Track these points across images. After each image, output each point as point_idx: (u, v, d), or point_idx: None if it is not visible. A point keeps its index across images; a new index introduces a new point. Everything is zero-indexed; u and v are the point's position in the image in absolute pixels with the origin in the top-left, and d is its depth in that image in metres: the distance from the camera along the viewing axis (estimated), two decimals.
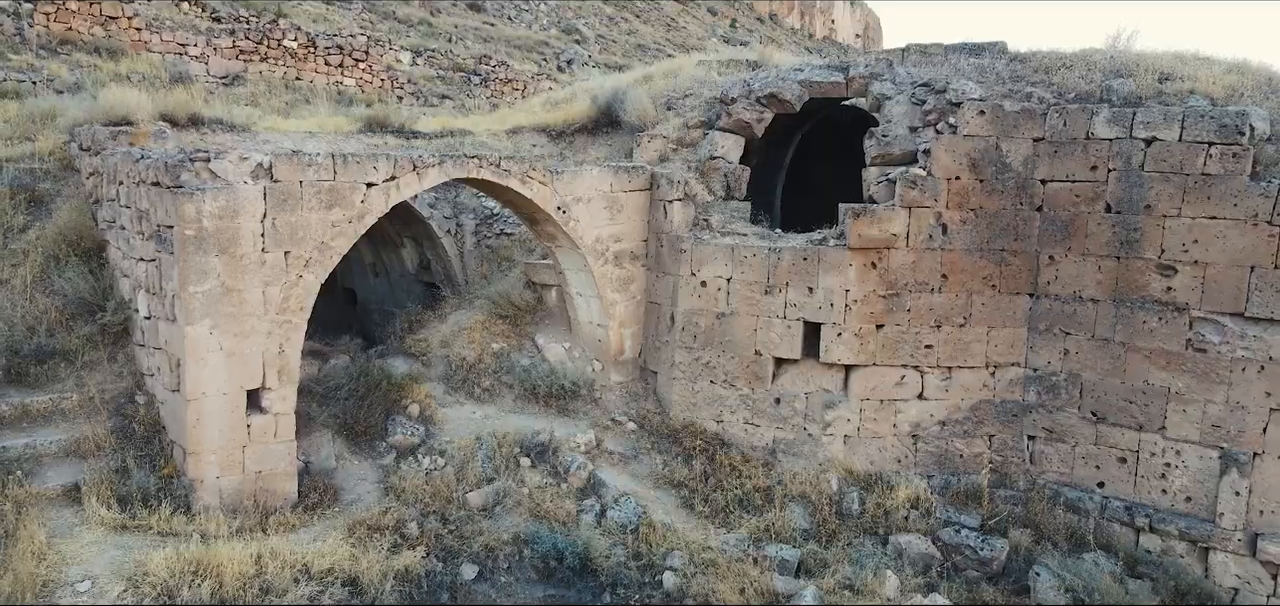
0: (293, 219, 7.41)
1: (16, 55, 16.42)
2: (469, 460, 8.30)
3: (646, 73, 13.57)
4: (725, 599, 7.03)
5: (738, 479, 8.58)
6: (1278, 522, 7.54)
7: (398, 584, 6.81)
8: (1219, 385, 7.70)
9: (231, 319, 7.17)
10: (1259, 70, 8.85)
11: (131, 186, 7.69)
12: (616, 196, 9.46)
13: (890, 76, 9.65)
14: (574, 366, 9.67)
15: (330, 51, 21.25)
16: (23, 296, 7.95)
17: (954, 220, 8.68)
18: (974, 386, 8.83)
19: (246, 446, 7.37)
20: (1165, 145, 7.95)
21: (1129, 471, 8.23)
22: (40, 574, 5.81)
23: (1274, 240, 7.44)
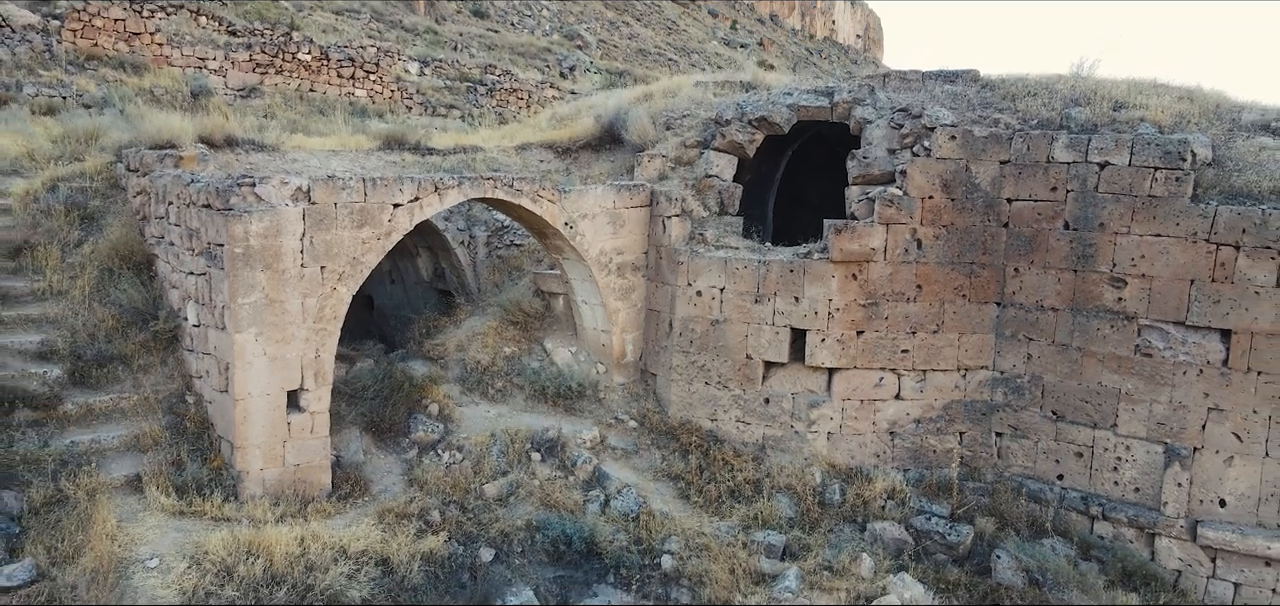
0: (328, 237, 8.25)
1: (47, 71, 17.27)
2: (485, 455, 9.14)
3: (647, 91, 14.41)
4: (717, 579, 7.87)
5: (730, 472, 9.43)
6: (1215, 510, 8.37)
7: (423, 564, 7.64)
8: (1163, 386, 8.54)
9: (274, 327, 8.01)
10: (1208, 97, 9.68)
11: (182, 207, 8.53)
12: (619, 212, 10.29)
13: (871, 102, 10.48)
14: (580, 369, 10.51)
15: (342, 64, 22.08)
16: (82, 306, 8.79)
17: (928, 236, 9.52)
18: (946, 387, 9.67)
19: (286, 441, 8.21)
20: (1117, 169, 8.78)
21: (1085, 465, 9.07)
22: (115, 552, 6.65)
23: (1211, 256, 8.27)
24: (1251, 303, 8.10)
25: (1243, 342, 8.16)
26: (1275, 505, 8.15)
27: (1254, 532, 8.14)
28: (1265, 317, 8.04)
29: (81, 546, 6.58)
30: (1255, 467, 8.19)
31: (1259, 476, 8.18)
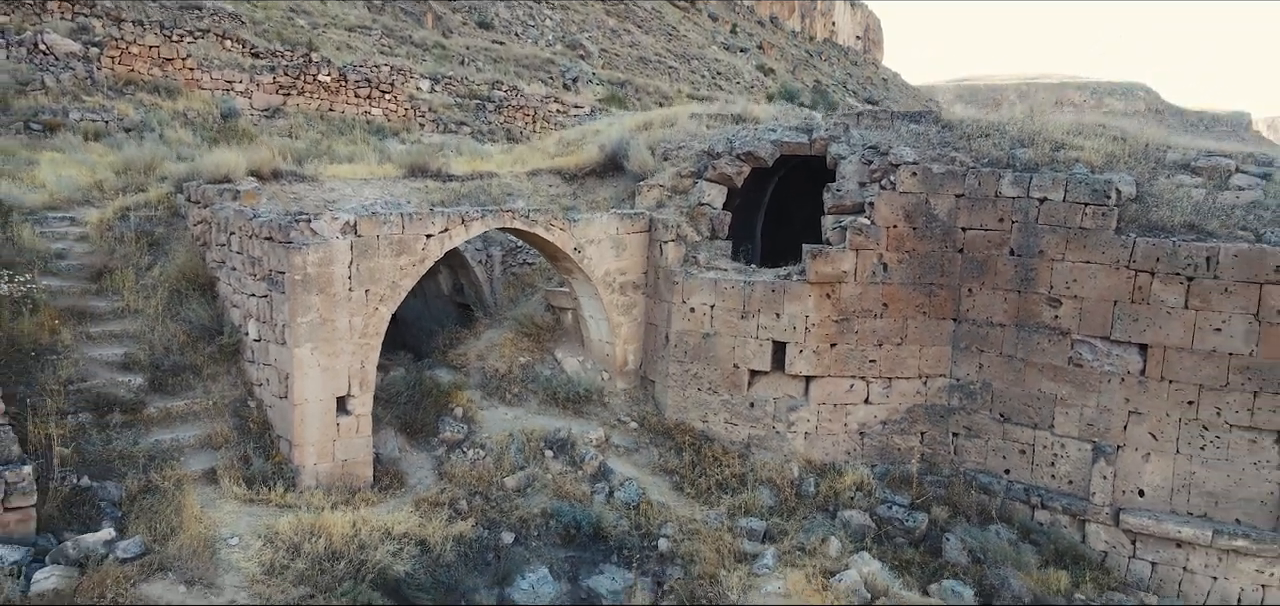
0: (371, 264, 9.63)
1: (89, 96, 18.65)
2: (504, 452, 10.51)
3: (646, 119, 15.79)
4: (705, 558, 9.23)
5: (718, 467, 10.80)
6: (1135, 500, 9.74)
7: (455, 545, 8.99)
8: (1092, 393, 9.91)
9: (326, 342, 9.38)
10: (1136, 139, 11.05)
11: (244, 238, 9.91)
12: (621, 238, 11.67)
13: (846, 139, 11.86)
14: (587, 376, 11.89)
15: (359, 84, 23.46)
16: (157, 323, 10.16)
17: (892, 260, 10.89)
18: (909, 393, 11.04)
19: (336, 440, 9.58)
20: (1053, 204, 10.15)
21: (1027, 461, 10.44)
22: (204, 531, 8.01)
23: (1131, 280, 9.64)
24: (1164, 321, 9.47)
25: (1157, 355, 9.54)
26: (1185, 495, 9.52)
27: (1167, 518, 9.51)
28: (1175, 334, 9.41)
29: (176, 527, 7.93)
30: (1168, 463, 9.56)
31: (1171, 470, 9.55)
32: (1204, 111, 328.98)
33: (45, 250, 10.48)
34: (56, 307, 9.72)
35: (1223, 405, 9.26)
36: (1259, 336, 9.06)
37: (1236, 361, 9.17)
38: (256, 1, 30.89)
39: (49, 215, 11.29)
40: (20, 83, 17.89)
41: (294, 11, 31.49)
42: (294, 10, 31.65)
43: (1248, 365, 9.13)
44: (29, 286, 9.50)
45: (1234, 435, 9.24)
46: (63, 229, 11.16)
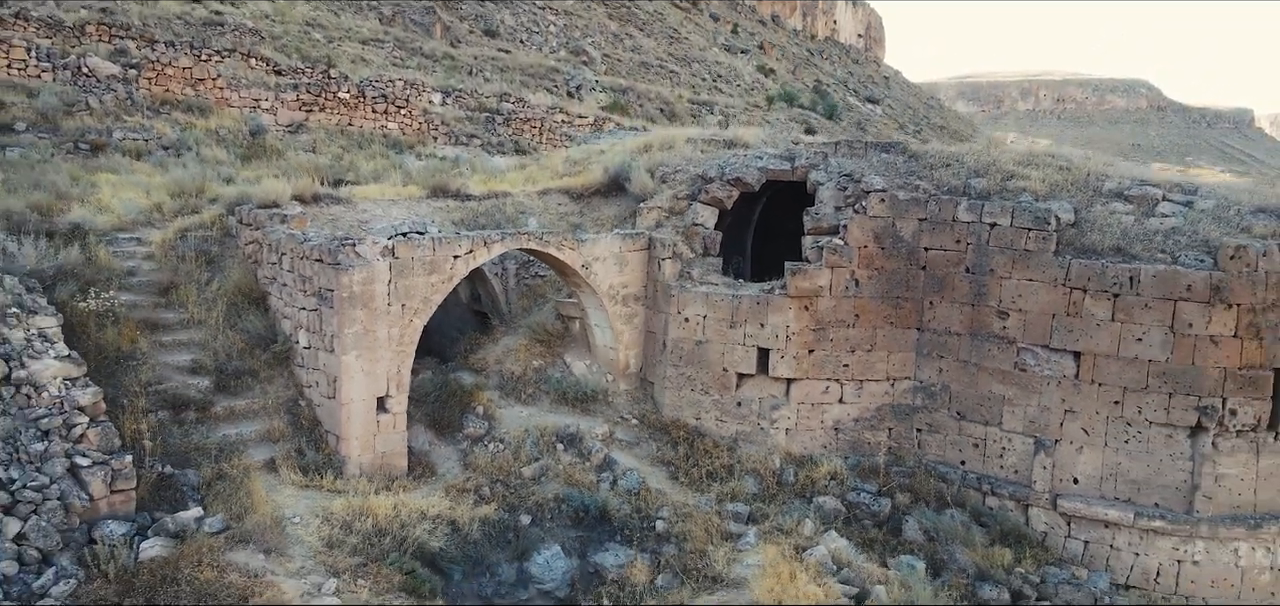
0: (407, 282, 11.13)
1: (130, 116, 20.15)
2: (521, 445, 12.01)
3: (646, 141, 17.29)
4: (696, 536, 10.71)
5: (709, 459, 12.30)
6: (1070, 487, 11.24)
7: (480, 525, 10.49)
8: (1034, 394, 11.41)
9: (369, 350, 10.89)
10: (1080, 168, 12.53)
11: (295, 259, 11.42)
12: (624, 255, 13.17)
13: (824, 167, 13.35)
14: (593, 378, 13.39)
15: (376, 100, 24.95)
16: (218, 332, 11.66)
17: (863, 276, 12.38)
18: (878, 394, 12.54)
19: (376, 435, 11.09)
20: (1002, 228, 11.64)
21: (980, 453, 11.94)
22: (271, 511, 9.52)
23: (1067, 296, 11.13)
24: (1094, 332, 10.96)
25: (1088, 361, 11.03)
26: (1113, 483, 11.02)
27: (1097, 503, 11.01)
28: (1103, 343, 10.90)
29: (248, 508, 9.43)
30: (1098, 455, 11.06)
31: (1100, 461, 11.05)
32: (1207, 108, 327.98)
33: (119, 268, 11.98)
34: (133, 319, 11.23)
35: (1143, 405, 10.76)
36: (1173, 345, 10.55)
37: (1154, 367, 10.66)
38: (274, 17, 32.40)
39: (118, 236, 12.79)
40: (67, 104, 19.38)
41: (310, 26, 33.00)
42: (310, 24, 33.16)
43: (1164, 370, 10.62)
44: (111, 302, 11.01)
45: (1153, 430, 10.74)
46: (131, 249, 12.66)
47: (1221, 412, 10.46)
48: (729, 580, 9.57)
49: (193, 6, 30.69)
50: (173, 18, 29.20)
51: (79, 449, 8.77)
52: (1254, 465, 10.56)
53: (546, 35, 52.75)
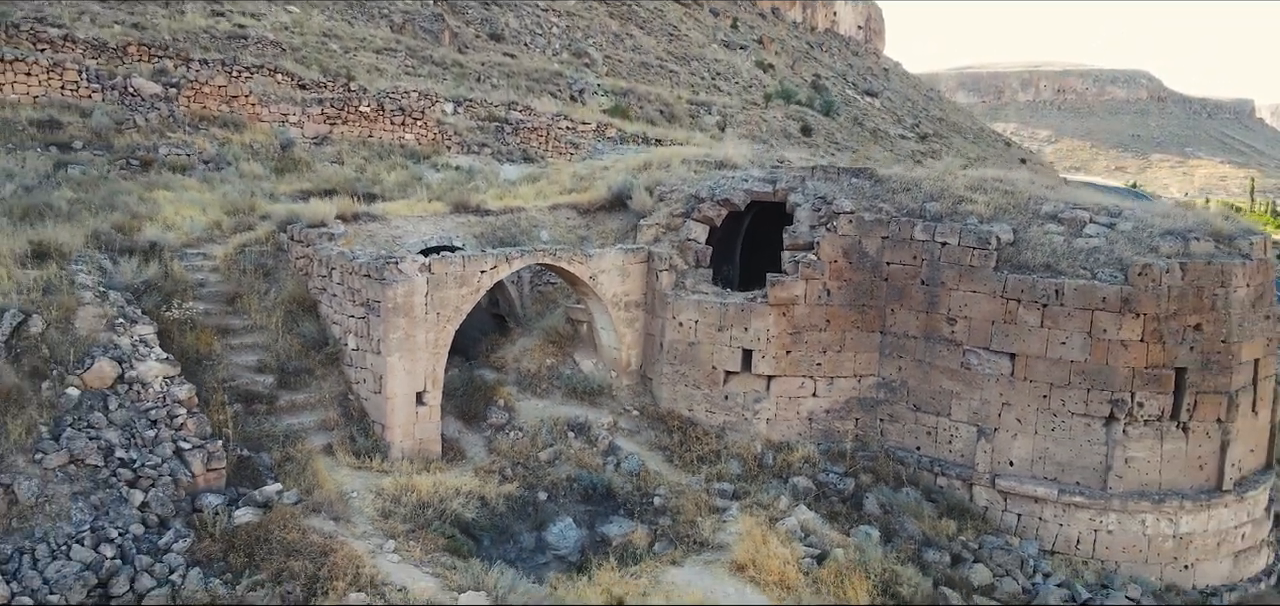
0: (441, 294, 13.12)
1: (172, 133, 22.11)
2: (537, 433, 14.01)
3: (646, 160, 19.25)
4: (687, 510, 12.70)
5: (700, 445, 14.30)
6: (1007, 468, 13.25)
7: (505, 500, 12.49)
8: (977, 389, 13.40)
9: (409, 353, 12.88)
10: (1022, 192, 14.49)
11: (345, 274, 13.41)
12: (626, 267, 15.15)
13: (801, 190, 15.33)
14: (599, 375, 15.39)
15: (394, 113, 26.90)
16: (278, 336, 13.65)
17: (834, 287, 14.37)
18: (846, 389, 14.54)
19: (415, 424, 13.09)
20: (951, 246, 13.62)
21: (933, 439, 13.95)
22: (334, 488, 11.52)
23: (1004, 306, 13.12)
24: (1026, 336, 12.96)
25: (1022, 361, 13.03)
26: (1041, 465, 13.03)
27: (1028, 481, 13.03)
28: (1034, 346, 12.90)
29: (315, 484, 11.42)
30: (1029, 441, 13.07)
31: (1031, 446, 13.06)
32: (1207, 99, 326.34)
33: (192, 281, 13.97)
34: (207, 326, 13.22)
35: (1066, 398, 12.76)
36: (1090, 348, 12.55)
37: (1075, 366, 12.66)
38: (293, 28, 34.33)
39: (187, 251, 14.77)
40: (117, 122, 21.34)
41: (327, 36, 34.92)
42: (327, 35, 35.08)
43: (1083, 369, 12.62)
44: (190, 311, 13.01)
45: (1074, 420, 12.74)
46: (199, 263, 14.65)
47: (1130, 405, 12.47)
48: (713, 544, 11.58)
49: (217, 20, 32.65)
50: (199, 31, 31.15)
51: (181, 435, 10.78)
52: (1158, 449, 12.57)
53: (549, 37, 54.58)
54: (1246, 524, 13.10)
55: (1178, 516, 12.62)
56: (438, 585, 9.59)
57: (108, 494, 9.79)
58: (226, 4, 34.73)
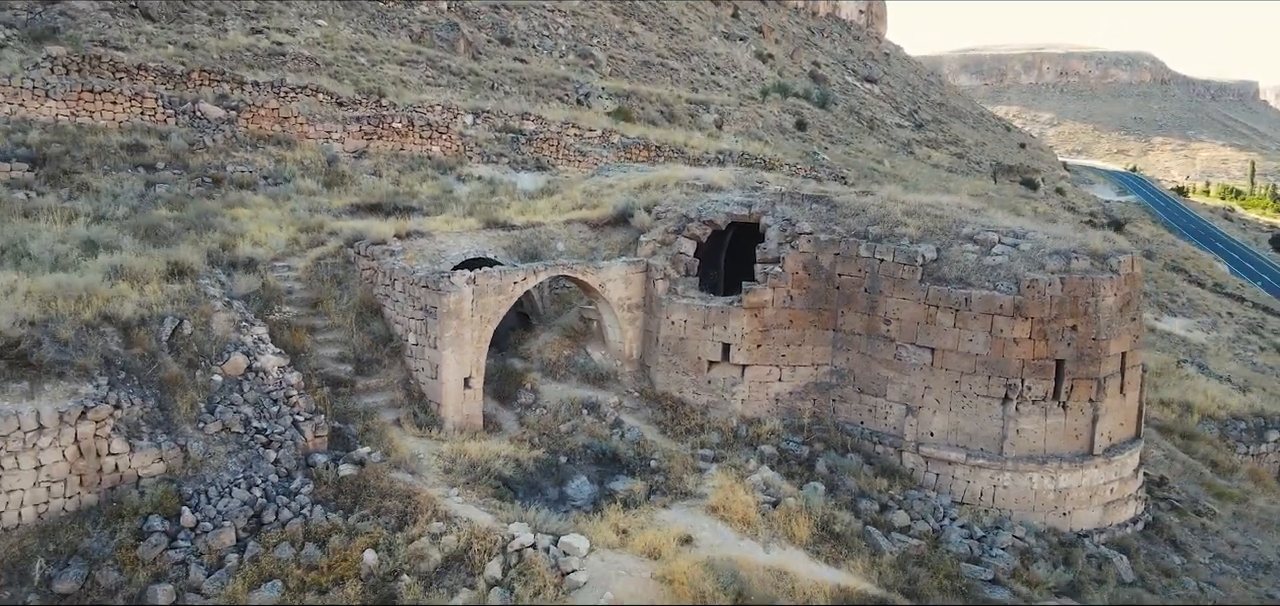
0: (483, 300, 16.85)
1: (236, 152, 25.81)
2: (558, 410, 17.75)
3: (645, 180, 22.92)
4: (676, 470, 16.44)
5: (687, 420, 18.04)
6: (929, 437, 17.00)
7: (535, 463, 16.22)
8: (906, 376, 17.13)
9: (458, 347, 16.62)
10: (949, 217, 18.16)
11: (406, 284, 17.13)
12: (629, 277, 18.86)
13: (772, 213, 19.02)
14: (607, 363, 19.13)
15: (422, 128, 30.57)
16: (352, 333, 17.37)
17: (796, 293, 18.08)
18: (805, 375, 18.27)
19: (463, 403, 16.84)
20: (887, 262, 17.32)
21: (872, 415, 17.70)
22: (405, 452, 15.26)
23: (926, 310, 16.81)
24: (943, 335, 16.68)
25: (939, 354, 16.75)
26: (954, 435, 16.77)
27: (944, 448, 16.78)
28: (949, 343, 16.62)
29: (391, 449, 15.16)
30: (945, 416, 16.82)
31: (946, 421, 16.81)
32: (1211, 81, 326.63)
33: (283, 289, 17.72)
34: (299, 325, 16.98)
35: (972, 383, 16.49)
36: (991, 344, 16.27)
37: (979, 358, 16.38)
38: (324, 43, 37.93)
39: (276, 264, 18.50)
40: (189, 144, 25.04)
41: (355, 50, 38.54)
42: (355, 49, 38.70)
43: (985, 360, 16.34)
44: (285, 314, 16.75)
45: (978, 400, 16.49)
46: (285, 273, 18.38)
47: (1021, 389, 16.20)
48: (695, 494, 15.35)
49: (256, 38, 36.29)
50: (242, 49, 34.81)
51: (295, 411, 14.55)
52: (1043, 423, 16.32)
53: (556, 39, 58.11)
54: (1114, 481, 16.86)
55: (1058, 475, 16.38)
56: (492, 519, 13.35)
57: (250, 453, 13.59)
58: (262, 20, 38.32)
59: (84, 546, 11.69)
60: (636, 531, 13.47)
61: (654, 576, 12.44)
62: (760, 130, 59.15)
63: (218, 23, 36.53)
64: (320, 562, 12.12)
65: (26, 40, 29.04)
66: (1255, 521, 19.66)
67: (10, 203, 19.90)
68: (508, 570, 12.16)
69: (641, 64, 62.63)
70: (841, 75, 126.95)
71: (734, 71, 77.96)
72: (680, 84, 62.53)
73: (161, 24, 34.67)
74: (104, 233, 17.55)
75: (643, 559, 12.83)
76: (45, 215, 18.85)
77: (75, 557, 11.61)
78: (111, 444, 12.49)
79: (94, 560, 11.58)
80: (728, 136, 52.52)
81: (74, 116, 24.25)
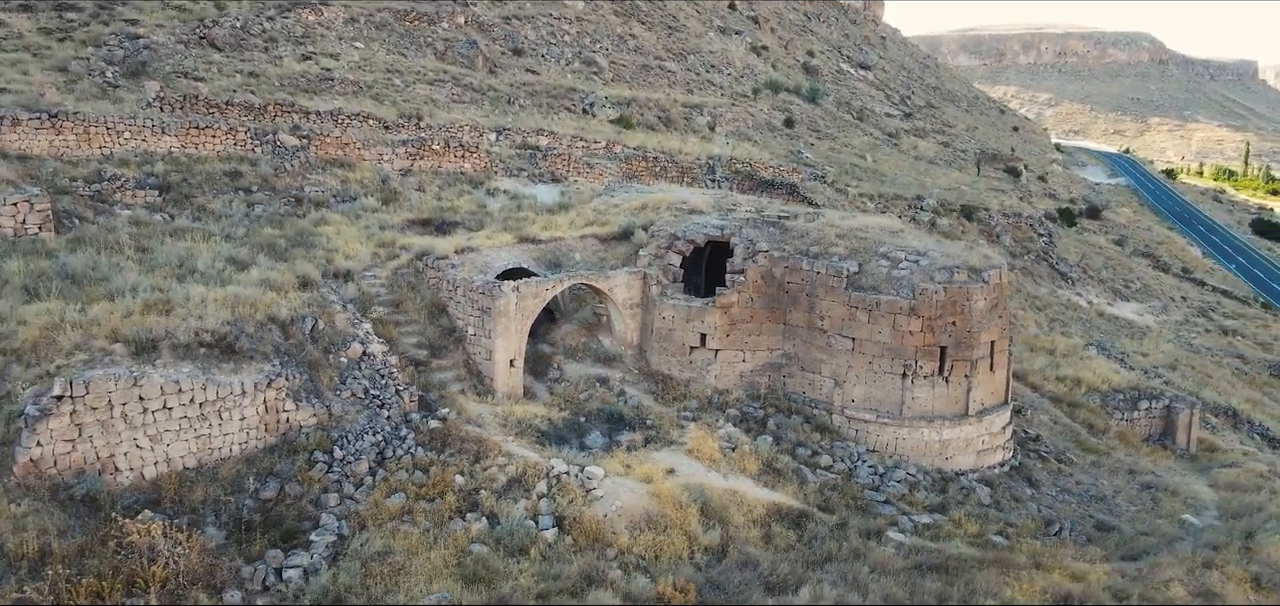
0: (523, 303, 23.36)
1: (310, 175, 32.23)
2: (578, 383, 24.30)
3: (643, 202, 29.38)
4: (665, 427, 22.98)
5: (674, 390, 24.61)
6: (850, 403, 23.56)
7: (563, 421, 22.79)
8: (834, 358, 23.68)
9: (506, 336, 23.14)
10: (871, 239, 24.63)
11: (466, 290, 23.64)
12: (630, 282, 25.37)
13: (739, 235, 25.52)
14: (614, 348, 25.66)
15: (456, 148, 36.97)
16: (426, 326, 23.88)
17: (756, 296, 24.60)
18: (762, 357, 24.82)
19: (509, 378, 23.39)
20: (822, 274, 23.83)
21: (811, 388, 24.26)
22: (471, 411, 21.77)
23: (850, 311, 23.33)
24: (861, 328, 23.21)
25: (859, 343, 23.31)
26: (869, 402, 23.33)
27: (860, 411, 23.36)
28: (864, 333, 23.16)
29: (462, 411, 21.68)
30: (862, 388, 23.39)
31: (863, 391, 23.38)
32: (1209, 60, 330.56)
33: (372, 294, 24.22)
34: (388, 321, 23.49)
35: (881, 364, 23.04)
36: (893, 335, 22.80)
37: (886, 345, 22.92)
38: (364, 66, 44.25)
39: (365, 274, 24.97)
40: (274, 169, 31.47)
41: (391, 72, 44.84)
42: (391, 71, 45.00)
43: (890, 347, 22.88)
44: (378, 313, 23.26)
45: (885, 376, 23.04)
46: (372, 280, 24.87)
47: (915, 367, 22.75)
48: (678, 442, 21.90)
49: (307, 64, 42.61)
50: (297, 75, 41.15)
51: (396, 383, 21.08)
52: (931, 392, 22.88)
53: (562, 46, 64.28)
54: (985, 435, 23.44)
55: (941, 430, 22.96)
56: (538, 455, 19.89)
57: (370, 411, 20.14)
58: (308, 45, 44.63)
59: (276, 469, 18.23)
60: (636, 465, 20.05)
61: (648, 493, 19.03)
62: (750, 129, 65.39)
63: (273, 50, 42.80)
64: (426, 483, 18.66)
65: (126, 75, 35.36)
66: (1107, 468, 26.29)
67: (153, 225, 26.37)
68: (551, 488, 18.73)
69: (641, 68, 68.79)
70: (836, 62, 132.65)
71: (728, 69, 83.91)
72: (676, 86, 68.69)
73: (227, 53, 40.92)
74: (240, 252, 24.05)
75: (640, 482, 19.41)
76: (187, 235, 25.31)
77: (271, 476, 18.16)
78: (284, 404, 19.03)
79: (283, 477, 18.12)
80: (719, 138, 58.88)
81: (183, 148, 30.65)
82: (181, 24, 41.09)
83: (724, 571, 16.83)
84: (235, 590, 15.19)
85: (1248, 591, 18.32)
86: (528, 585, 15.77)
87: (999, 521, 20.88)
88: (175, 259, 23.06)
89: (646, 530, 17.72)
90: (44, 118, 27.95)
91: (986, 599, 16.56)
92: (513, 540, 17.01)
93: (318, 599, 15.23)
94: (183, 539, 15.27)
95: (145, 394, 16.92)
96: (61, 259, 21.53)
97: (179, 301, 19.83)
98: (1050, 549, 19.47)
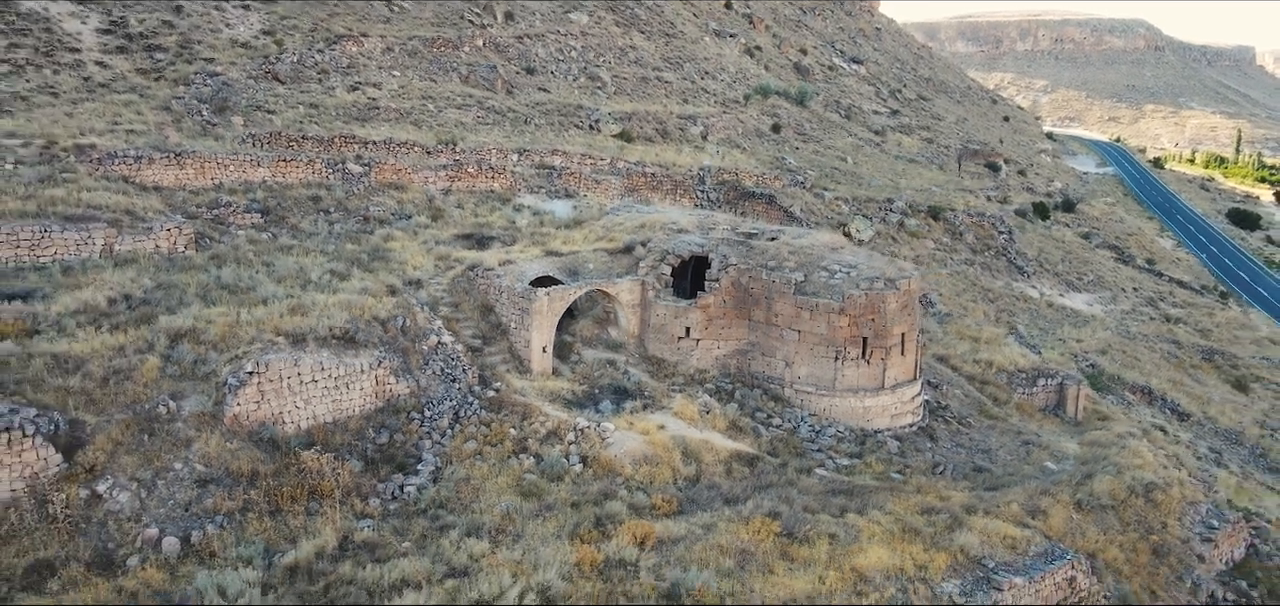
0: (553, 304, 31.92)
1: (372, 198, 40.69)
2: (593, 365, 32.90)
3: (642, 221, 37.92)
4: (659, 396, 31.57)
5: (666, 370, 33.23)
6: (799, 381, 32.17)
7: (582, 393, 31.39)
8: (786, 346, 32.27)
9: (540, 330, 31.70)
10: (816, 255, 33.18)
11: (510, 294, 32.20)
12: (632, 288, 33.94)
13: (716, 251, 34.10)
14: (620, 338, 34.25)
15: (486, 169, 45.42)
16: (478, 322, 32.42)
17: (727, 299, 33.18)
18: (732, 346, 33.43)
19: (542, 361, 31.98)
20: (778, 282, 32.40)
21: (769, 368, 32.87)
22: (516, 387, 30.31)
23: (796, 311, 31.92)
24: (805, 324, 31.80)
25: (802, 335, 31.92)
26: (811, 378, 31.94)
27: (805, 386, 31.99)
28: (807, 327, 31.77)
29: (509, 385, 30.20)
30: (806, 368, 32.01)
31: (807, 371, 32.00)
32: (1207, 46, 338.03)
33: (438, 297, 32.82)
34: (451, 318, 32.05)
35: (819, 350, 31.65)
36: (828, 328, 31.38)
37: (822, 336, 31.52)
38: (402, 93, 52.64)
39: (431, 281, 33.46)
40: (346, 193, 39.94)
41: (426, 99, 53.23)
42: (426, 97, 53.38)
43: (826, 338, 31.47)
44: (446, 313, 31.84)
45: (823, 359, 31.65)
46: (436, 287, 33.37)
47: (844, 353, 31.34)
48: (668, 408, 30.50)
49: (357, 94, 51.01)
50: (348, 105, 49.58)
51: (463, 365, 29.68)
52: (856, 371, 31.49)
53: (569, 62, 72.54)
54: (897, 403, 32.05)
55: (864, 399, 31.58)
56: (566, 415, 28.44)
57: (446, 385, 28.75)
58: (354, 76, 53.02)
59: (386, 423, 26.80)
60: (637, 423, 28.68)
61: (645, 441, 27.66)
62: (739, 137, 73.77)
63: (325, 81, 51.12)
64: (489, 433, 27.28)
65: (214, 111, 43.75)
66: (1000, 431, 34.94)
67: (263, 242, 34.91)
68: (577, 437, 27.34)
69: (640, 80, 77.05)
70: (829, 57, 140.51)
71: (722, 74, 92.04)
72: (672, 97, 76.98)
73: (289, 86, 49.23)
74: (336, 265, 32.60)
75: (640, 435, 28.03)
76: (291, 251, 33.82)
77: (382, 428, 26.73)
78: (388, 379, 27.60)
79: (392, 429, 26.69)
80: (711, 147, 67.32)
81: (274, 177, 39.13)
82: (249, 60, 49.40)
83: (697, 490, 25.52)
84: (375, 499, 23.83)
85: (1070, 512, 27.05)
86: (565, 497, 24.42)
87: (899, 464, 29.57)
88: (293, 271, 31.61)
89: (644, 465, 26.36)
90: (171, 156, 36.46)
91: (875, 511, 25.23)
92: (553, 471, 25.64)
93: (429, 504, 23.88)
94: (340, 466, 23.90)
95: (301, 371, 25.52)
96: (214, 272, 30.09)
97: (309, 305, 28.41)
98: (932, 482, 28.14)
